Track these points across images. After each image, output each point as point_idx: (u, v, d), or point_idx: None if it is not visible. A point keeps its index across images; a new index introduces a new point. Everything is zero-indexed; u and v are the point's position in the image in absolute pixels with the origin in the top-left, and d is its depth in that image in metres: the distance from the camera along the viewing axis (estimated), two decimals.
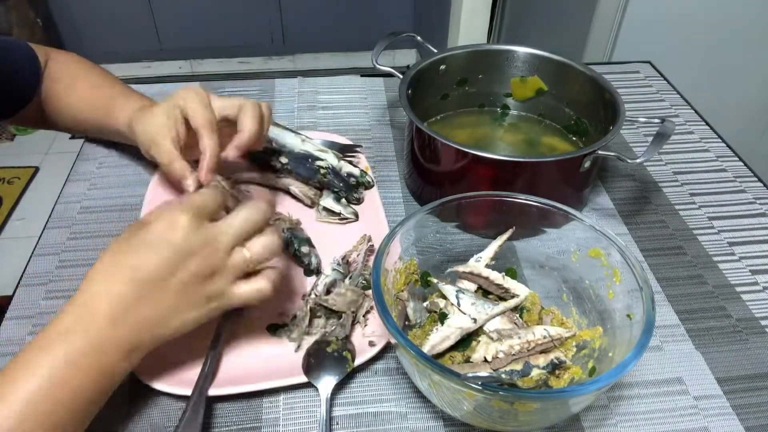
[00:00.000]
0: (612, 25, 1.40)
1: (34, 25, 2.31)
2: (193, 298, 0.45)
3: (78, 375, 0.41)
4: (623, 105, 0.65)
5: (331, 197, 0.67)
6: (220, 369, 0.51)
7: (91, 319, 0.42)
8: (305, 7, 2.62)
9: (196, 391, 0.48)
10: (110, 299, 0.43)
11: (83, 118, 0.70)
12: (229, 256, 0.46)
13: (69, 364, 0.41)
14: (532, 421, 0.45)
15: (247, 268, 0.47)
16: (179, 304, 0.45)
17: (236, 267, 0.46)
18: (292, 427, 0.49)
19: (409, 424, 0.49)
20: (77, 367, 0.41)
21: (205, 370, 0.49)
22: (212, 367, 0.50)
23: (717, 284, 0.62)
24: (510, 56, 0.76)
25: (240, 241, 0.46)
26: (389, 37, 0.75)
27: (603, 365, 0.47)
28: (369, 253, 0.60)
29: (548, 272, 0.56)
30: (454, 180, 0.64)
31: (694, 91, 0.97)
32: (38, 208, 2.00)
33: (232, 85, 0.90)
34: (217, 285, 0.46)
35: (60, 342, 0.41)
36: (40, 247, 0.64)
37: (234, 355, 0.52)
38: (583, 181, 0.66)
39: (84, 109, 0.69)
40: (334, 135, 0.76)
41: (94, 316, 0.42)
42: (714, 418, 0.50)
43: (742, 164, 0.79)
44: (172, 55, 2.71)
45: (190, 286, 0.45)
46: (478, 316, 0.51)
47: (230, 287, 0.46)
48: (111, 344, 0.42)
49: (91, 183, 0.72)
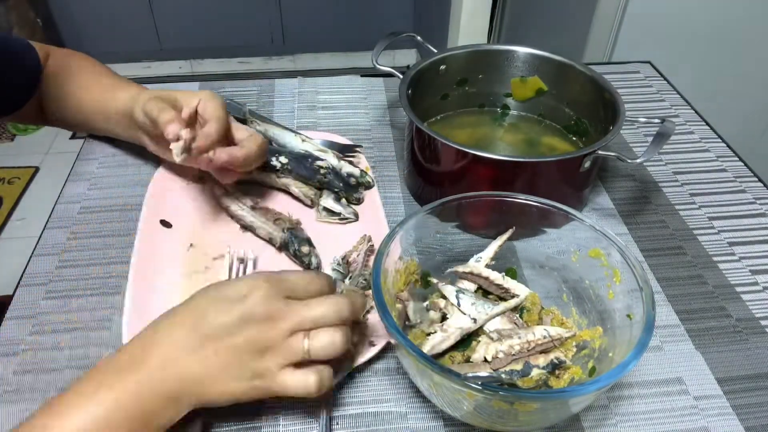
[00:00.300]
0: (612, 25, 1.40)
1: (34, 25, 2.31)
2: (240, 368, 0.43)
3: (122, 417, 0.40)
4: (623, 105, 0.65)
5: (331, 197, 0.67)
6: None
7: (144, 361, 0.42)
8: (305, 7, 2.62)
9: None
10: (168, 343, 0.43)
11: (84, 107, 0.70)
12: (287, 339, 0.43)
13: (117, 403, 0.40)
14: (532, 421, 0.45)
15: (300, 358, 0.44)
16: (225, 370, 0.43)
17: (290, 351, 0.43)
18: (292, 427, 0.49)
19: (409, 424, 0.49)
20: (124, 409, 0.41)
21: None
22: None
23: (717, 284, 0.62)
24: (510, 56, 0.76)
25: (305, 328, 0.44)
26: (389, 37, 0.75)
27: (603, 365, 0.47)
28: (369, 253, 0.60)
29: (548, 272, 0.56)
30: (454, 180, 0.64)
31: (694, 91, 0.97)
32: (38, 208, 1.99)
33: (232, 85, 0.90)
34: (266, 363, 0.43)
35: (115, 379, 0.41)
36: (40, 247, 0.64)
37: None
38: (583, 181, 0.66)
39: (84, 97, 0.70)
40: (334, 135, 0.76)
41: (148, 359, 0.42)
42: (714, 418, 0.50)
43: (742, 164, 0.79)
44: (172, 55, 2.71)
45: (241, 354, 0.43)
46: (478, 316, 0.51)
47: (277, 370, 0.44)
48: (156, 386, 0.42)
49: (91, 183, 0.72)
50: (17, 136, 2.33)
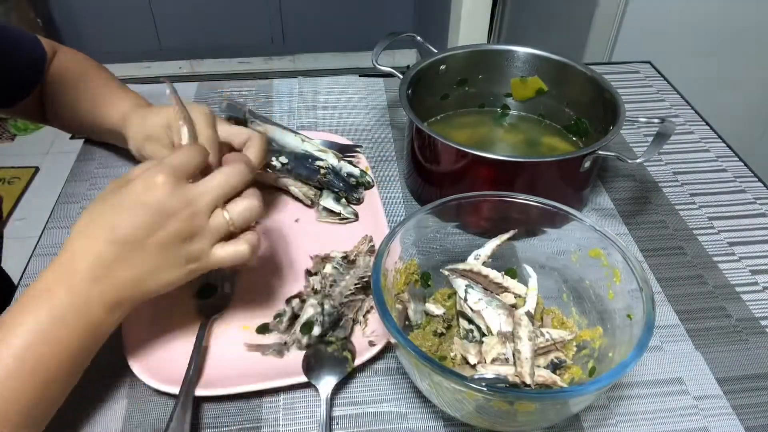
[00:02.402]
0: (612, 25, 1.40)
1: (34, 25, 2.31)
2: (172, 260, 0.45)
3: (64, 330, 0.42)
4: (623, 105, 0.65)
5: (331, 197, 0.67)
6: (219, 369, 0.51)
7: (72, 276, 0.43)
8: (305, 7, 2.62)
9: (183, 390, 0.47)
10: (90, 258, 0.43)
11: (80, 115, 0.70)
12: (209, 218, 0.45)
13: (54, 319, 0.42)
14: (532, 421, 0.45)
15: (227, 231, 0.46)
16: (158, 265, 0.44)
17: (216, 229, 0.45)
18: (292, 427, 0.49)
19: (409, 424, 0.49)
20: (63, 322, 0.42)
21: (190, 371, 0.49)
22: (197, 366, 0.49)
23: (717, 284, 0.62)
24: (510, 56, 0.76)
25: (220, 202, 0.46)
26: (389, 37, 0.75)
27: (603, 365, 0.47)
28: (369, 253, 0.60)
29: (548, 272, 0.56)
30: (454, 180, 0.64)
31: (694, 91, 0.97)
32: (38, 208, 1.99)
33: (232, 85, 0.90)
34: (196, 247, 0.45)
35: (43, 300, 0.42)
36: (40, 247, 0.64)
37: (234, 355, 0.52)
38: (583, 181, 0.66)
39: (81, 106, 0.69)
40: (334, 135, 0.76)
41: (74, 274, 0.43)
42: (714, 418, 0.50)
43: (742, 164, 0.79)
44: (172, 55, 2.71)
45: (169, 248, 0.44)
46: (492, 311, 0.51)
47: (209, 249, 0.46)
48: (94, 300, 0.43)
49: (91, 183, 0.72)
50: (17, 136, 2.33)
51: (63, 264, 0.43)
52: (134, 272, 0.44)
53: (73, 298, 0.42)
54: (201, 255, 0.45)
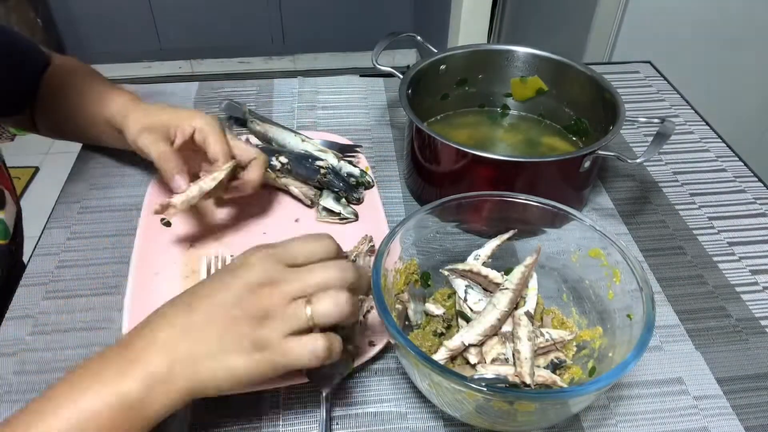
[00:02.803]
0: (612, 25, 1.40)
1: (34, 25, 2.31)
2: (238, 339, 0.39)
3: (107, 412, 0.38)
4: (623, 105, 0.65)
5: (331, 197, 0.67)
6: None
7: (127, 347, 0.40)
8: (305, 7, 2.62)
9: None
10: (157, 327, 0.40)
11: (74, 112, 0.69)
12: (288, 305, 0.40)
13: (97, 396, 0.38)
14: (532, 421, 0.45)
15: (304, 325, 0.40)
16: (221, 342, 0.39)
17: (293, 319, 0.40)
18: (292, 427, 0.49)
19: (409, 424, 0.49)
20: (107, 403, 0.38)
21: None
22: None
23: (717, 284, 0.62)
24: (510, 56, 0.76)
25: (308, 294, 0.40)
26: (389, 37, 0.75)
27: (603, 365, 0.47)
28: (369, 253, 0.60)
29: (548, 272, 0.56)
30: (454, 180, 0.64)
31: (694, 91, 0.97)
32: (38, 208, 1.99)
33: (232, 85, 0.90)
34: (266, 332, 0.39)
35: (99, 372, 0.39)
36: (40, 247, 0.64)
37: None
38: (583, 181, 0.66)
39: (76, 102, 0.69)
40: (334, 135, 0.76)
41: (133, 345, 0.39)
42: (714, 418, 0.50)
43: (742, 164, 0.79)
44: (172, 55, 2.71)
45: (238, 324, 0.39)
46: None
47: (281, 339, 0.39)
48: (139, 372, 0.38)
49: (91, 183, 0.72)
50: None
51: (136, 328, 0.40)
52: (192, 346, 0.39)
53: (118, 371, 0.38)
54: (270, 343, 0.39)
